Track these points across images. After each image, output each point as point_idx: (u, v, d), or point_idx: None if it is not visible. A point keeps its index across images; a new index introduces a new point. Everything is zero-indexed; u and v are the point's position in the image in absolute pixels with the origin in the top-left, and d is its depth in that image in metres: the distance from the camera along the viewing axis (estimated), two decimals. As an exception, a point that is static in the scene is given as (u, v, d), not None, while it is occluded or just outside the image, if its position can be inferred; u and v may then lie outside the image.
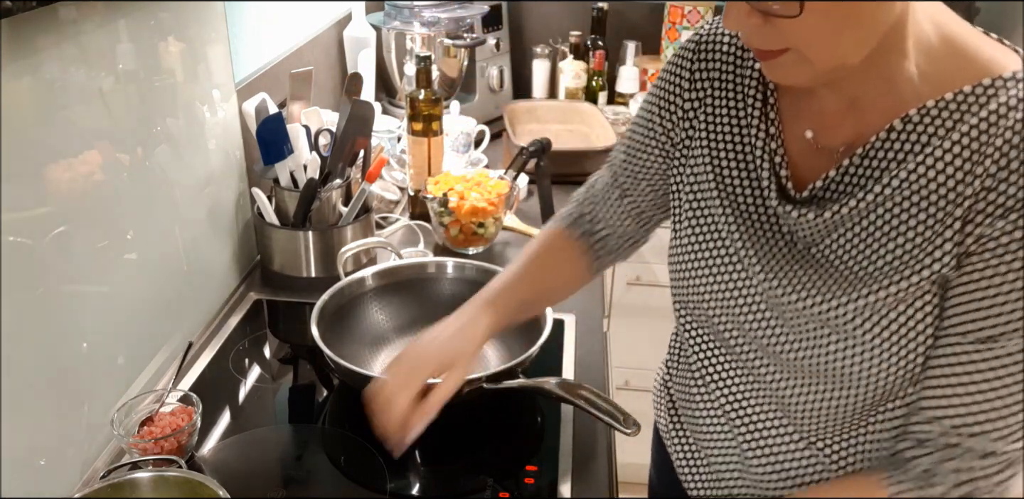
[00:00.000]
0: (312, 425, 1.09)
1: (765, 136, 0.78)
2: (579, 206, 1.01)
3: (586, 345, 1.25)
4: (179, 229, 1.18)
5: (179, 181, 1.17)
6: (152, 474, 0.86)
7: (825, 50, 0.63)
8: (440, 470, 1.02)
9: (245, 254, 1.42)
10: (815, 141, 0.75)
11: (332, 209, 1.36)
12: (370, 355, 1.19)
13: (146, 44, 1.05)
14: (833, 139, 0.74)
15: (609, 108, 2.11)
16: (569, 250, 1.00)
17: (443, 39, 1.83)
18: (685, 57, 0.83)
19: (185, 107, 1.17)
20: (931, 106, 0.66)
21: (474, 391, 0.99)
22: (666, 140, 0.87)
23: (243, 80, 1.37)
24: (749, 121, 0.79)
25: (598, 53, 2.10)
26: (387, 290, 1.23)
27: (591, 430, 1.06)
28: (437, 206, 1.45)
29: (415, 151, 1.55)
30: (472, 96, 2.02)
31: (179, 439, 0.96)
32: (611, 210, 0.97)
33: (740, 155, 0.80)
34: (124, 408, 0.98)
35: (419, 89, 1.51)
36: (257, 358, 1.22)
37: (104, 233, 1.00)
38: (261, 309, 1.34)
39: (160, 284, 1.14)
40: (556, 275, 1.00)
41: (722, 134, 0.81)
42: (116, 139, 1.01)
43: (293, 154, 1.32)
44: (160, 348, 1.15)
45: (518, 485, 0.98)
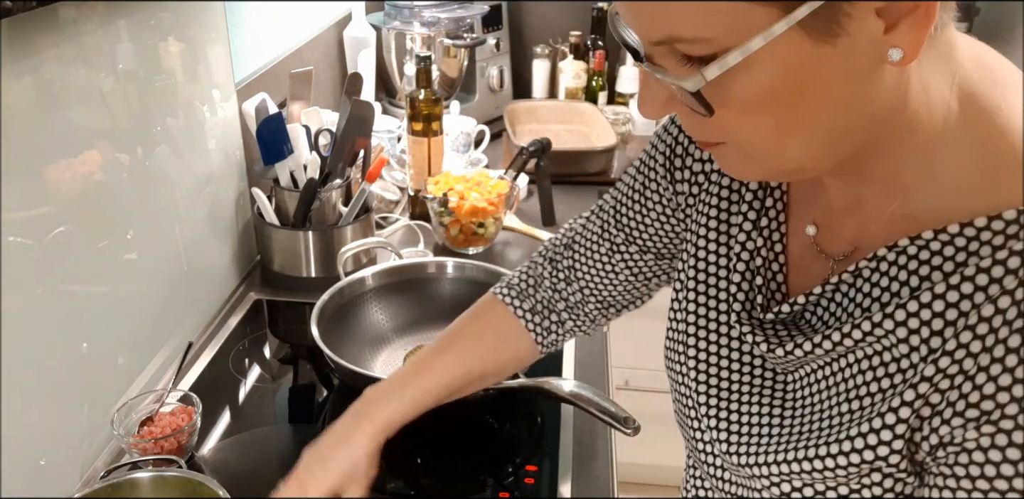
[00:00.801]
0: (312, 425, 1.09)
1: (752, 228, 0.63)
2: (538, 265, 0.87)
3: (586, 345, 1.25)
4: (179, 229, 1.18)
5: (179, 181, 1.17)
6: (152, 474, 0.86)
7: (766, 150, 0.50)
8: (440, 470, 1.02)
9: (245, 254, 1.42)
10: (816, 241, 0.61)
11: (332, 209, 1.36)
12: (370, 355, 1.19)
13: (146, 44, 1.05)
14: (836, 243, 0.59)
15: (609, 108, 2.11)
16: (509, 328, 0.87)
17: (443, 39, 1.83)
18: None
19: (185, 107, 1.17)
20: (929, 238, 0.51)
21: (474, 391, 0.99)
22: (670, 203, 0.73)
23: (243, 80, 1.37)
24: (742, 210, 0.64)
25: (598, 53, 2.10)
26: (387, 290, 1.23)
27: (591, 430, 1.06)
28: (437, 206, 1.45)
29: (415, 151, 1.55)
30: (472, 96, 2.02)
31: (179, 439, 0.96)
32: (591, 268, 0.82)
33: (719, 256, 0.66)
34: (124, 408, 0.98)
35: (419, 89, 1.51)
36: (257, 358, 1.22)
37: (104, 233, 1.00)
38: (261, 309, 1.34)
39: (160, 284, 1.14)
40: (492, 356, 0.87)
41: (712, 220, 0.66)
42: (116, 139, 1.01)
43: (293, 154, 1.32)
44: (160, 348, 1.15)
45: (518, 485, 0.98)
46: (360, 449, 0.79)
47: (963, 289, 0.49)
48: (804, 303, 0.59)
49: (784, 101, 0.46)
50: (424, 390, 0.82)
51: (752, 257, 0.63)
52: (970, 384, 0.47)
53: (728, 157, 0.53)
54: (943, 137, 0.50)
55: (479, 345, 0.87)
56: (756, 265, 0.63)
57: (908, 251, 0.52)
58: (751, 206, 0.64)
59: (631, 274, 0.80)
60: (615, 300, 0.84)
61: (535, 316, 0.86)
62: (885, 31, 0.44)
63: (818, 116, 0.48)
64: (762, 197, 0.64)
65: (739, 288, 0.64)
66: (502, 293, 0.88)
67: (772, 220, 0.63)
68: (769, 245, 0.63)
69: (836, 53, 0.44)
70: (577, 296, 0.85)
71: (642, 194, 0.75)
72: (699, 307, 0.67)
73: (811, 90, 0.46)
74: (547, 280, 0.87)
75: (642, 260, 0.79)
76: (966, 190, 0.50)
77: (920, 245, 0.51)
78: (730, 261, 0.65)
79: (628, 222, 0.77)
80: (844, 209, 0.58)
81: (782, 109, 0.47)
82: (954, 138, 0.50)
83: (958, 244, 0.50)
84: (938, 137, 0.50)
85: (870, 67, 0.46)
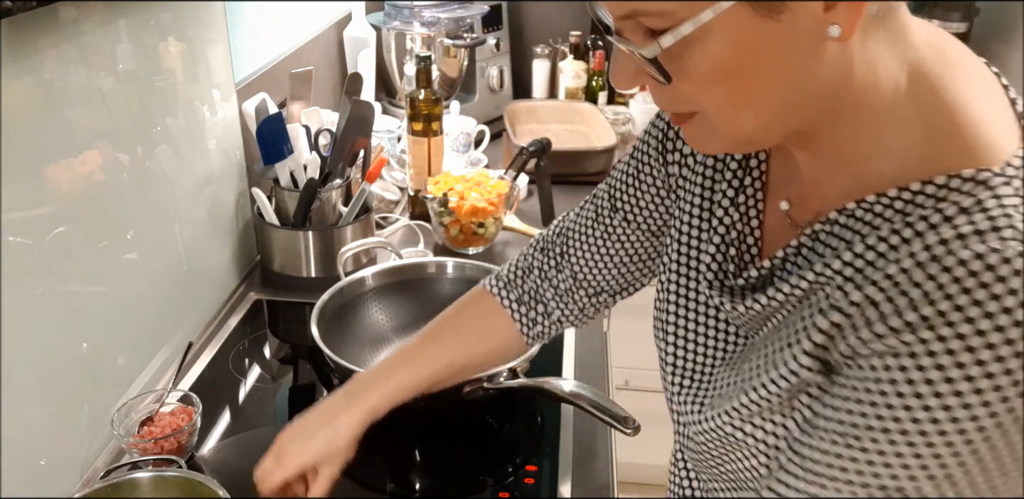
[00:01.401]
0: (312, 425, 1.09)
1: (730, 204, 0.68)
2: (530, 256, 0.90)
3: (586, 345, 1.25)
4: (179, 229, 1.18)
5: (179, 181, 1.17)
6: (152, 474, 0.86)
7: (726, 119, 0.54)
8: (440, 470, 1.02)
9: (245, 254, 1.42)
10: (789, 214, 0.65)
11: (332, 209, 1.36)
12: (370, 355, 1.19)
13: (146, 44, 1.05)
14: (804, 214, 0.64)
15: (609, 108, 2.11)
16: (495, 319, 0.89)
17: (443, 39, 1.83)
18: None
19: (185, 107, 1.17)
20: (872, 201, 0.55)
21: (474, 391, 0.99)
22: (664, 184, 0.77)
23: (243, 80, 1.37)
24: (722, 188, 0.69)
25: (598, 53, 2.10)
26: (387, 290, 1.23)
27: (591, 430, 1.06)
28: (437, 206, 1.45)
29: (415, 151, 1.55)
30: (472, 96, 2.02)
31: (179, 439, 0.96)
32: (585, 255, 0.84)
33: (700, 231, 0.71)
34: (124, 408, 0.98)
35: (419, 89, 1.51)
36: (257, 358, 1.22)
37: (104, 233, 1.00)
38: (261, 309, 1.34)
39: (160, 284, 1.14)
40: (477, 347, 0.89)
41: (695, 197, 0.71)
42: (116, 139, 1.01)
43: (293, 154, 1.32)
44: (160, 348, 1.15)
45: (518, 485, 0.98)
46: (343, 430, 0.81)
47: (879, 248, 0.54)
48: (770, 267, 0.63)
49: (735, 73, 0.51)
50: (409, 379, 0.85)
51: (728, 231, 0.68)
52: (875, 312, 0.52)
53: (694, 129, 0.57)
54: (891, 111, 0.54)
55: (464, 336, 0.89)
56: (731, 238, 0.68)
57: (855, 213, 0.57)
58: (730, 184, 0.68)
59: (625, 255, 0.82)
60: (606, 286, 0.86)
61: (521, 307, 0.88)
62: (825, 9, 0.48)
63: (767, 88, 0.52)
64: (741, 176, 0.68)
65: (713, 259, 0.69)
66: (489, 284, 0.90)
67: (750, 197, 0.68)
68: (746, 220, 0.68)
69: (781, 28, 0.49)
70: (567, 283, 0.86)
71: (637, 177, 0.78)
72: (679, 277, 0.72)
73: (759, 63, 0.50)
74: (536, 269, 0.88)
75: (637, 240, 0.81)
76: (912, 160, 0.54)
77: (865, 208, 0.56)
78: (708, 234, 0.70)
79: (625, 202, 0.80)
80: (812, 182, 0.63)
81: (734, 80, 0.51)
82: (902, 113, 0.54)
83: (896, 206, 0.54)
84: (887, 111, 0.54)
85: (812, 43, 0.50)
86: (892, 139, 0.55)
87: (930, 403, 0.49)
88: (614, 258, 0.83)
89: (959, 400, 0.48)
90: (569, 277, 0.86)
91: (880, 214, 0.55)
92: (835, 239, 0.58)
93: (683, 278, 0.72)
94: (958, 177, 0.52)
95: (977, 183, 0.51)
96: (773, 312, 0.62)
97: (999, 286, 0.47)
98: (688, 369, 0.72)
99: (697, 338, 0.72)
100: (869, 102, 0.54)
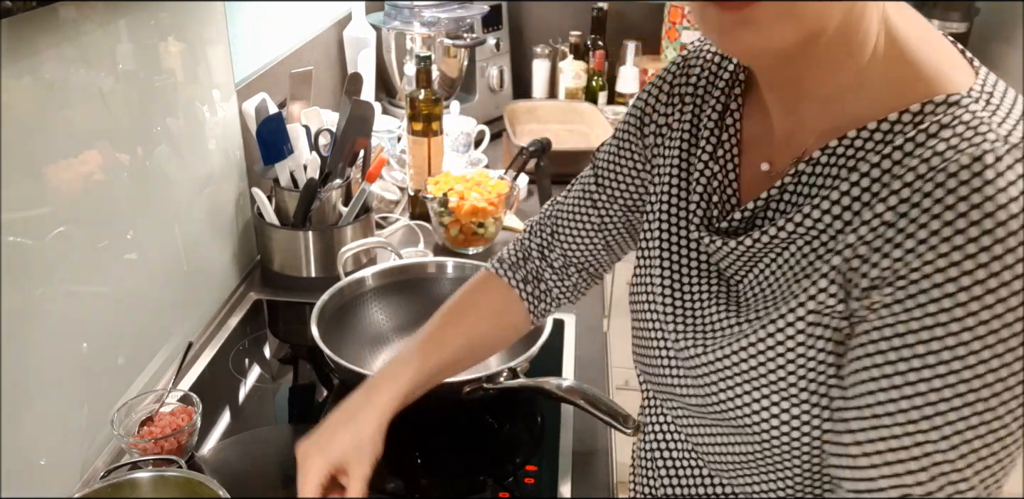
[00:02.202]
0: (312, 425, 1.08)
1: (709, 159, 0.72)
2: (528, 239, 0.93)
3: (586, 345, 1.25)
4: (179, 229, 1.18)
5: (179, 181, 1.17)
6: (152, 474, 0.86)
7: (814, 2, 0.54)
8: (440, 470, 1.02)
9: (245, 254, 1.42)
10: (771, 170, 0.69)
11: (332, 209, 1.36)
12: (370, 355, 1.19)
13: (146, 44, 1.05)
14: (782, 166, 0.67)
15: (609, 108, 2.11)
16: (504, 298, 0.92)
17: (443, 39, 1.83)
18: (670, 71, 0.78)
19: (185, 107, 1.17)
20: (853, 136, 0.59)
21: (474, 391, 0.99)
22: (641, 156, 0.81)
23: (243, 80, 1.37)
24: (700, 145, 0.73)
25: (598, 53, 2.10)
26: (387, 290, 1.23)
27: (591, 430, 1.06)
28: (437, 206, 1.45)
29: (415, 151, 1.55)
30: (472, 96, 2.02)
31: (179, 439, 0.96)
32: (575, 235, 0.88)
33: (684, 180, 0.75)
34: (124, 408, 0.98)
35: (419, 89, 1.51)
36: (257, 358, 1.22)
37: (104, 233, 1.00)
38: (261, 309, 1.34)
39: (160, 284, 1.14)
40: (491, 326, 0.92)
41: (674, 158, 0.75)
42: (116, 139, 1.01)
43: (293, 154, 1.32)
44: (160, 348, 1.15)
45: (518, 485, 0.98)
46: (365, 425, 0.79)
47: (872, 174, 0.57)
48: (754, 209, 0.66)
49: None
50: (430, 365, 0.85)
51: (709, 181, 0.72)
52: (889, 245, 0.55)
53: (762, 19, 0.54)
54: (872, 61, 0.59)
55: (479, 317, 0.91)
56: (712, 187, 0.72)
57: (837, 150, 0.60)
58: (708, 141, 0.72)
59: (605, 231, 0.87)
60: (593, 261, 0.90)
61: (527, 285, 0.92)
62: None
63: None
64: (718, 134, 0.72)
65: (698, 205, 0.73)
66: (495, 266, 0.93)
67: (727, 152, 0.72)
68: (724, 172, 0.72)
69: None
70: (560, 261, 0.90)
71: (617, 154, 0.83)
72: (663, 223, 0.76)
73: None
74: (535, 250, 0.92)
75: (616, 215, 0.85)
76: (880, 99, 0.59)
77: (846, 144, 0.60)
78: (691, 184, 0.74)
79: (605, 178, 0.84)
80: (787, 138, 0.67)
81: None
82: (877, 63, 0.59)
83: (876, 138, 0.59)
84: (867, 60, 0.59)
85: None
86: (868, 83, 0.59)
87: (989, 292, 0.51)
88: (597, 235, 0.87)
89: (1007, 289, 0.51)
90: (560, 256, 0.90)
91: (862, 146, 0.59)
92: (821, 178, 0.61)
93: (666, 224, 0.75)
94: (931, 103, 0.57)
95: (950, 105, 0.56)
96: (764, 252, 0.65)
97: (1002, 180, 0.51)
98: (679, 307, 0.74)
99: (682, 278, 0.74)
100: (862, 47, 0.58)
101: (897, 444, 0.56)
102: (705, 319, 0.71)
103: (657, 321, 0.75)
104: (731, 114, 0.72)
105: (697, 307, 0.73)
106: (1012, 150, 0.52)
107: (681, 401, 0.75)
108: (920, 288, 0.53)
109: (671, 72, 0.79)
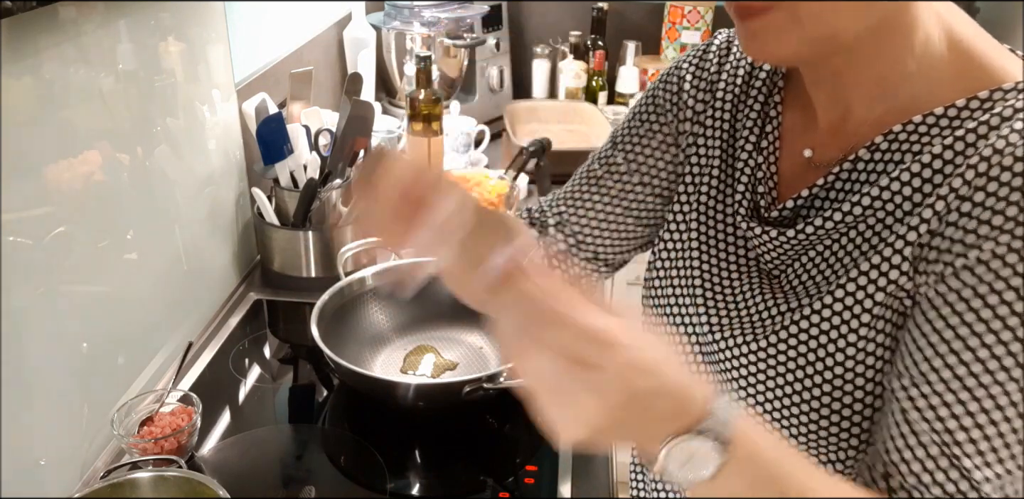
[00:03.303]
0: (312, 425, 1.09)
1: (752, 149, 0.72)
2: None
3: (586, 345, 1.24)
4: (179, 229, 1.18)
5: (179, 181, 1.17)
6: (152, 474, 0.86)
7: (819, 9, 0.54)
8: (440, 470, 1.02)
9: (245, 254, 1.42)
10: (813, 160, 0.69)
11: (332, 209, 1.36)
12: (370, 355, 1.19)
13: (146, 44, 1.05)
14: (829, 156, 0.67)
15: (609, 108, 2.11)
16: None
17: (443, 39, 1.83)
18: (704, 58, 0.77)
19: (185, 107, 1.17)
20: (918, 121, 0.59)
21: (474, 391, 0.99)
22: (673, 140, 0.79)
23: (243, 80, 1.37)
24: (743, 134, 0.73)
25: (598, 53, 2.10)
26: (387, 290, 1.23)
27: (591, 430, 1.06)
28: (437, 206, 1.45)
29: (415, 151, 1.55)
30: (472, 96, 2.02)
31: (179, 439, 0.96)
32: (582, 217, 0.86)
33: (725, 172, 0.74)
34: (124, 408, 0.98)
35: (419, 89, 1.51)
36: (257, 358, 1.22)
37: (104, 233, 1.00)
38: (261, 309, 1.34)
39: (160, 284, 1.14)
40: None
41: (715, 148, 0.75)
42: (116, 139, 1.01)
43: (293, 154, 1.32)
44: (160, 348, 1.15)
45: (518, 485, 0.98)
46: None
47: (945, 156, 0.57)
48: (807, 197, 0.66)
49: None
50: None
51: (753, 172, 0.71)
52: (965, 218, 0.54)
53: (770, 28, 0.56)
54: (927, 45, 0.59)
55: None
56: (757, 177, 0.71)
57: (899, 136, 0.60)
58: (751, 131, 0.72)
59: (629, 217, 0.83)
60: (603, 250, 0.86)
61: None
62: None
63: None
64: (761, 124, 0.72)
65: (743, 196, 0.72)
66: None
67: (771, 143, 0.71)
68: (767, 164, 0.71)
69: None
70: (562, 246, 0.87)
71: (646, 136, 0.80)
72: (701, 215, 0.75)
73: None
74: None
75: (644, 200, 0.82)
76: (941, 86, 0.59)
77: (910, 129, 0.60)
78: (735, 174, 0.73)
79: (632, 161, 0.81)
80: (833, 127, 0.66)
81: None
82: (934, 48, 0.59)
83: (942, 124, 0.59)
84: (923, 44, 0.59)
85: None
86: (927, 67, 0.59)
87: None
88: (616, 220, 0.84)
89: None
90: (563, 242, 0.87)
91: (927, 132, 0.59)
92: (882, 164, 0.61)
93: (714, 215, 0.74)
94: (999, 90, 0.57)
95: (1020, 91, 0.57)
96: (816, 242, 0.65)
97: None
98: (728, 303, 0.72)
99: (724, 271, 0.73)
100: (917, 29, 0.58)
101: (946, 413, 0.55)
102: (749, 310, 0.70)
103: (688, 315, 0.75)
104: (775, 106, 0.72)
105: (740, 299, 0.72)
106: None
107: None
108: (984, 258, 0.53)
109: (704, 58, 0.78)
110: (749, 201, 0.71)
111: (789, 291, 0.67)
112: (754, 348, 0.68)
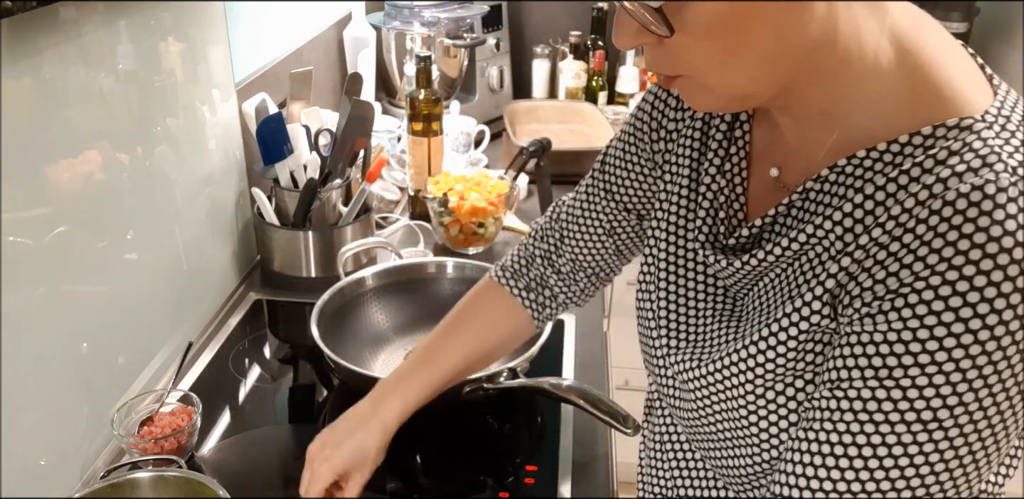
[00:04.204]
0: (312, 425, 1.09)
1: (716, 173, 0.71)
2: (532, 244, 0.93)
3: (586, 345, 1.25)
4: (179, 229, 1.18)
5: (179, 181, 1.17)
6: (152, 474, 0.86)
7: (717, 77, 0.56)
8: (440, 470, 1.02)
9: (245, 254, 1.42)
10: (779, 180, 0.68)
11: (332, 209, 1.36)
12: (370, 355, 1.19)
13: (146, 44, 1.05)
14: (793, 177, 0.66)
15: (609, 108, 2.11)
16: (507, 307, 0.93)
17: (443, 39, 1.83)
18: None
19: (185, 107, 1.17)
20: (862, 156, 0.58)
21: (474, 391, 0.99)
22: (649, 161, 0.80)
23: (243, 80, 1.37)
24: (709, 157, 0.72)
25: (598, 53, 2.10)
26: (387, 290, 1.23)
27: (591, 430, 1.06)
28: (437, 206, 1.45)
29: (415, 151, 1.55)
30: (472, 96, 2.02)
31: (179, 439, 0.96)
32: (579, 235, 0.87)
33: (688, 197, 0.73)
34: (124, 408, 0.98)
35: (419, 89, 1.51)
36: (257, 358, 1.22)
37: (104, 233, 1.00)
38: (261, 309, 1.34)
39: (160, 284, 1.14)
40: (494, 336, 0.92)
41: (684, 167, 0.74)
42: (116, 139, 1.01)
43: (293, 154, 1.32)
44: (160, 348, 1.15)
45: (518, 485, 0.98)
46: (372, 437, 0.84)
47: (876, 197, 0.57)
48: (761, 225, 0.66)
49: (731, 26, 0.53)
50: (433, 376, 0.88)
51: (715, 196, 0.71)
52: (878, 266, 0.55)
53: (688, 89, 0.60)
54: (874, 72, 0.57)
55: (482, 326, 0.92)
56: (719, 202, 0.71)
57: (845, 169, 0.60)
58: (716, 154, 0.71)
59: (616, 236, 0.86)
60: (604, 266, 0.89)
61: (530, 293, 0.92)
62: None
63: (759, 41, 0.54)
64: (727, 146, 0.71)
65: (704, 222, 0.72)
66: (497, 275, 0.94)
67: (735, 165, 0.71)
68: (732, 187, 0.71)
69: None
70: (568, 266, 0.90)
71: (624, 159, 0.82)
72: (669, 235, 0.75)
73: (753, 15, 0.53)
74: (539, 257, 0.92)
75: (625, 221, 0.84)
76: (897, 116, 0.57)
77: (855, 163, 0.59)
78: (698, 198, 0.73)
79: (613, 184, 0.83)
80: (798, 148, 0.65)
81: (730, 34, 0.54)
82: (883, 72, 0.57)
83: (885, 159, 0.57)
84: (870, 72, 0.57)
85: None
86: (875, 96, 0.58)
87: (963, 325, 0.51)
88: (607, 241, 0.86)
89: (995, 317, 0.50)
90: (569, 261, 0.90)
91: (871, 167, 0.58)
92: (827, 196, 0.61)
93: (679, 239, 0.74)
94: (943, 126, 0.55)
95: (962, 129, 0.55)
96: (767, 269, 0.65)
97: (999, 212, 0.50)
98: (674, 322, 0.74)
99: (688, 293, 0.74)
100: (852, 61, 0.56)
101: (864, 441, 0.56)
102: (705, 336, 0.71)
103: (657, 331, 0.75)
104: (740, 125, 0.71)
105: (700, 323, 0.72)
106: (1018, 182, 0.51)
107: (675, 413, 0.75)
108: (893, 306, 0.53)
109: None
110: (710, 228, 0.71)
111: (747, 315, 0.68)
112: (702, 372, 0.68)
